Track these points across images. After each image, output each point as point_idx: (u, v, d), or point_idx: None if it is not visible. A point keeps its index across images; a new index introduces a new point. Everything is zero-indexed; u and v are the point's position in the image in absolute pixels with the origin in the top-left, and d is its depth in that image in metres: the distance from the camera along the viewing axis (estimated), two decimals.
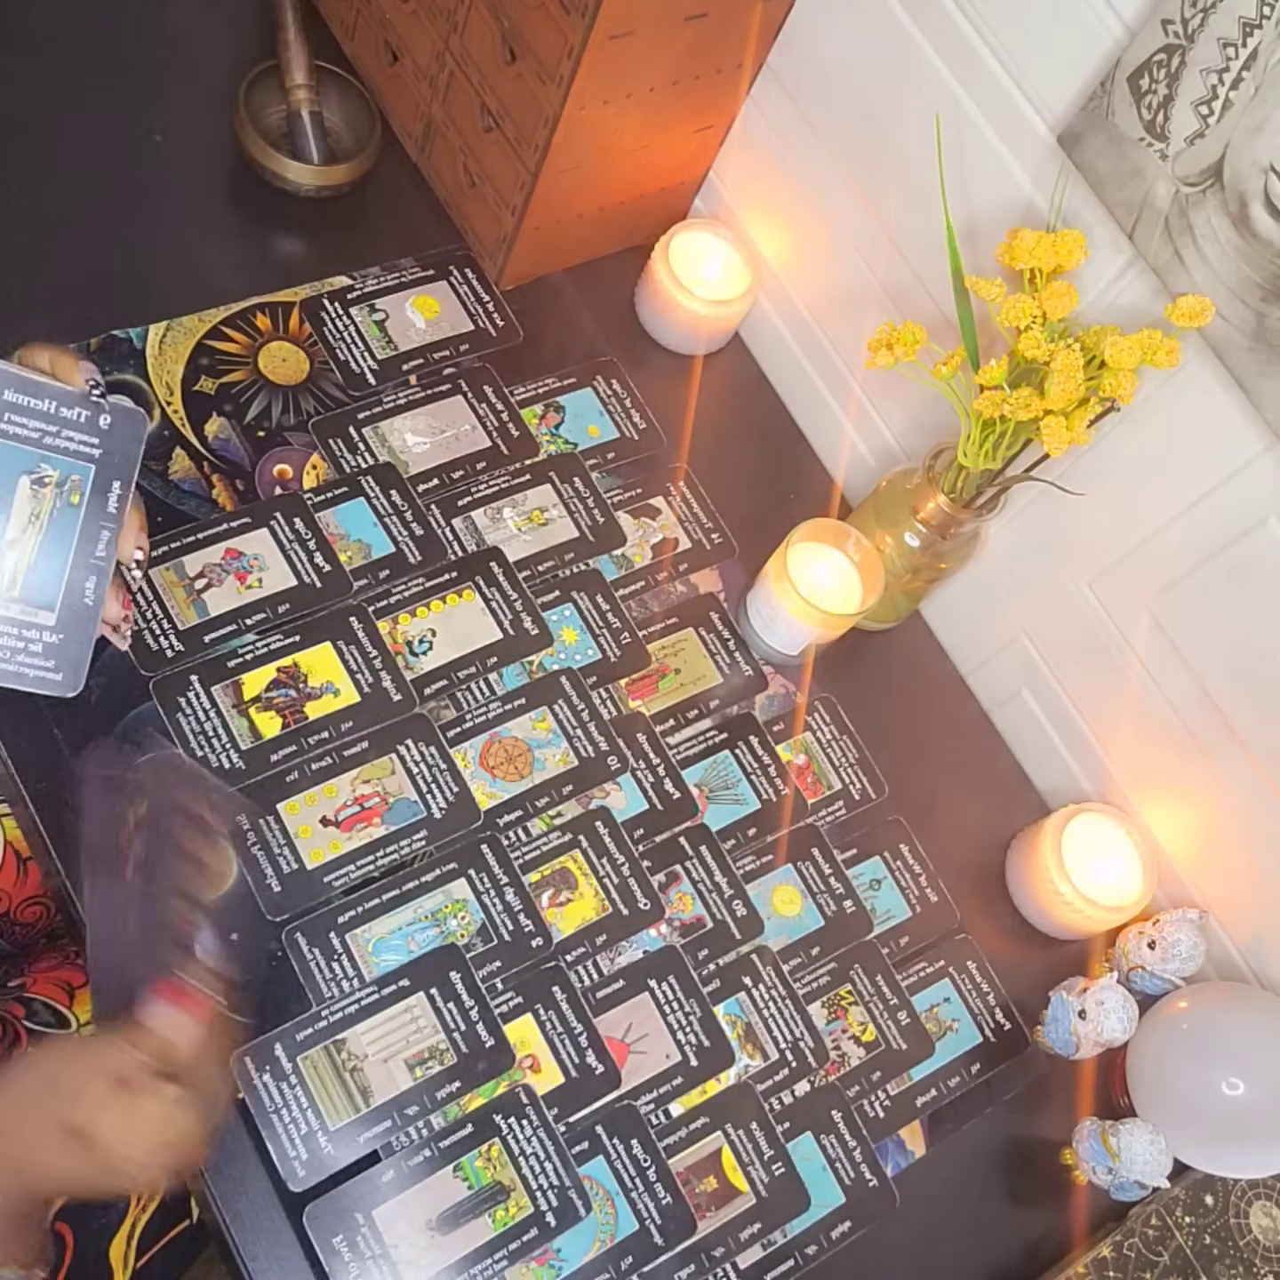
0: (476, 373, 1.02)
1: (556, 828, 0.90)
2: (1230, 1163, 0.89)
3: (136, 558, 0.74)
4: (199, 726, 0.85)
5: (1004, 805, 1.03)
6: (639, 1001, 0.87)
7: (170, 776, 0.72)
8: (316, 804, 0.86)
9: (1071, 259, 0.79)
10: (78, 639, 0.71)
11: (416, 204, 1.07)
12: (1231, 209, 0.74)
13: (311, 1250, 0.76)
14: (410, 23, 1.00)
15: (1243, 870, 0.93)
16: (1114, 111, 0.77)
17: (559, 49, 0.87)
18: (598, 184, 1.01)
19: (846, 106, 0.95)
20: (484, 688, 0.92)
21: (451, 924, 0.85)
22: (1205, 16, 0.71)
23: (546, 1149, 0.82)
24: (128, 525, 0.73)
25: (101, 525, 0.71)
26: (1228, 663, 0.88)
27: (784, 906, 0.92)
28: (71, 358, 0.71)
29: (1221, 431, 0.81)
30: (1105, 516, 0.91)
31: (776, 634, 0.97)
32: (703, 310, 1.04)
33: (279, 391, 0.97)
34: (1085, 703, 0.99)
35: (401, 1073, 0.81)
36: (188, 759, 0.80)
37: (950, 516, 0.92)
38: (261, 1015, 0.80)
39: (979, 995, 0.94)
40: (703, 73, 0.97)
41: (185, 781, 0.73)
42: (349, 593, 0.92)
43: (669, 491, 1.03)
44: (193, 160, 1.03)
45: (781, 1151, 0.86)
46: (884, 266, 0.98)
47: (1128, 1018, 0.90)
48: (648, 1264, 0.81)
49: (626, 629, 0.97)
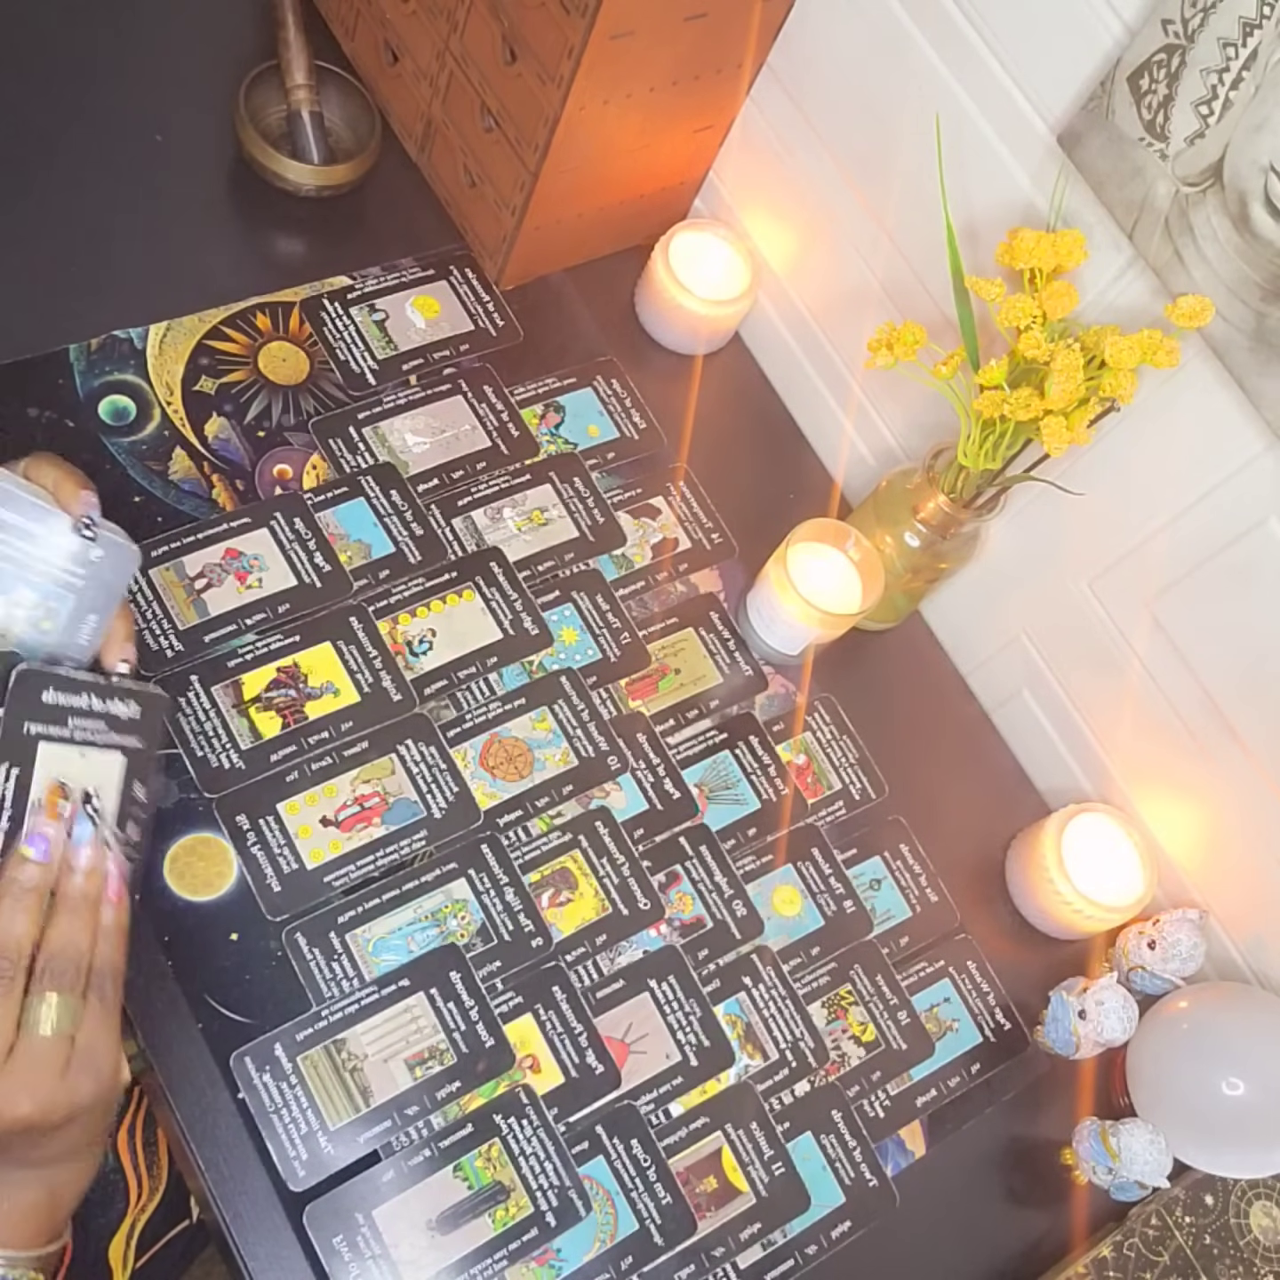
0: (476, 373, 1.02)
1: (556, 828, 0.90)
2: (1230, 1163, 0.89)
3: (121, 670, 0.71)
4: (199, 726, 0.85)
5: (1004, 805, 1.03)
6: (639, 1001, 0.87)
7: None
8: (316, 804, 0.86)
9: (1071, 259, 0.79)
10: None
11: (416, 204, 1.07)
12: (1231, 209, 0.74)
13: (311, 1250, 0.76)
14: (410, 23, 1.00)
15: (1243, 870, 0.93)
16: (1114, 111, 0.77)
17: (559, 49, 0.87)
18: (598, 184, 1.01)
19: (846, 106, 0.95)
20: (484, 688, 0.92)
21: (451, 924, 0.85)
22: (1205, 16, 0.71)
23: (546, 1149, 0.82)
24: (114, 634, 0.70)
25: (69, 657, 0.69)
26: (1228, 663, 0.88)
27: (784, 906, 0.92)
28: (75, 483, 0.68)
29: (1221, 431, 0.81)
30: (1105, 516, 0.91)
31: (776, 634, 0.97)
32: (703, 310, 1.04)
33: (279, 391, 0.97)
34: (1085, 703, 0.99)
35: (401, 1073, 0.81)
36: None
37: (950, 516, 0.92)
38: (261, 1015, 0.80)
39: (979, 995, 0.94)
40: (703, 73, 0.97)
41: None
42: (349, 593, 0.92)
43: (669, 491, 1.03)
44: (193, 160, 1.03)
45: (781, 1151, 0.86)
46: (884, 266, 0.98)
47: (1128, 1018, 0.90)
48: (648, 1264, 0.81)
49: (626, 629, 0.97)
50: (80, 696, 0.67)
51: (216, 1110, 0.78)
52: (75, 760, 0.67)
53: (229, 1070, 0.79)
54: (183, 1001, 0.80)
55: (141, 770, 0.70)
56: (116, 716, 0.69)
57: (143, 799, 0.70)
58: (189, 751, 0.85)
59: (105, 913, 0.67)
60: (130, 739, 0.69)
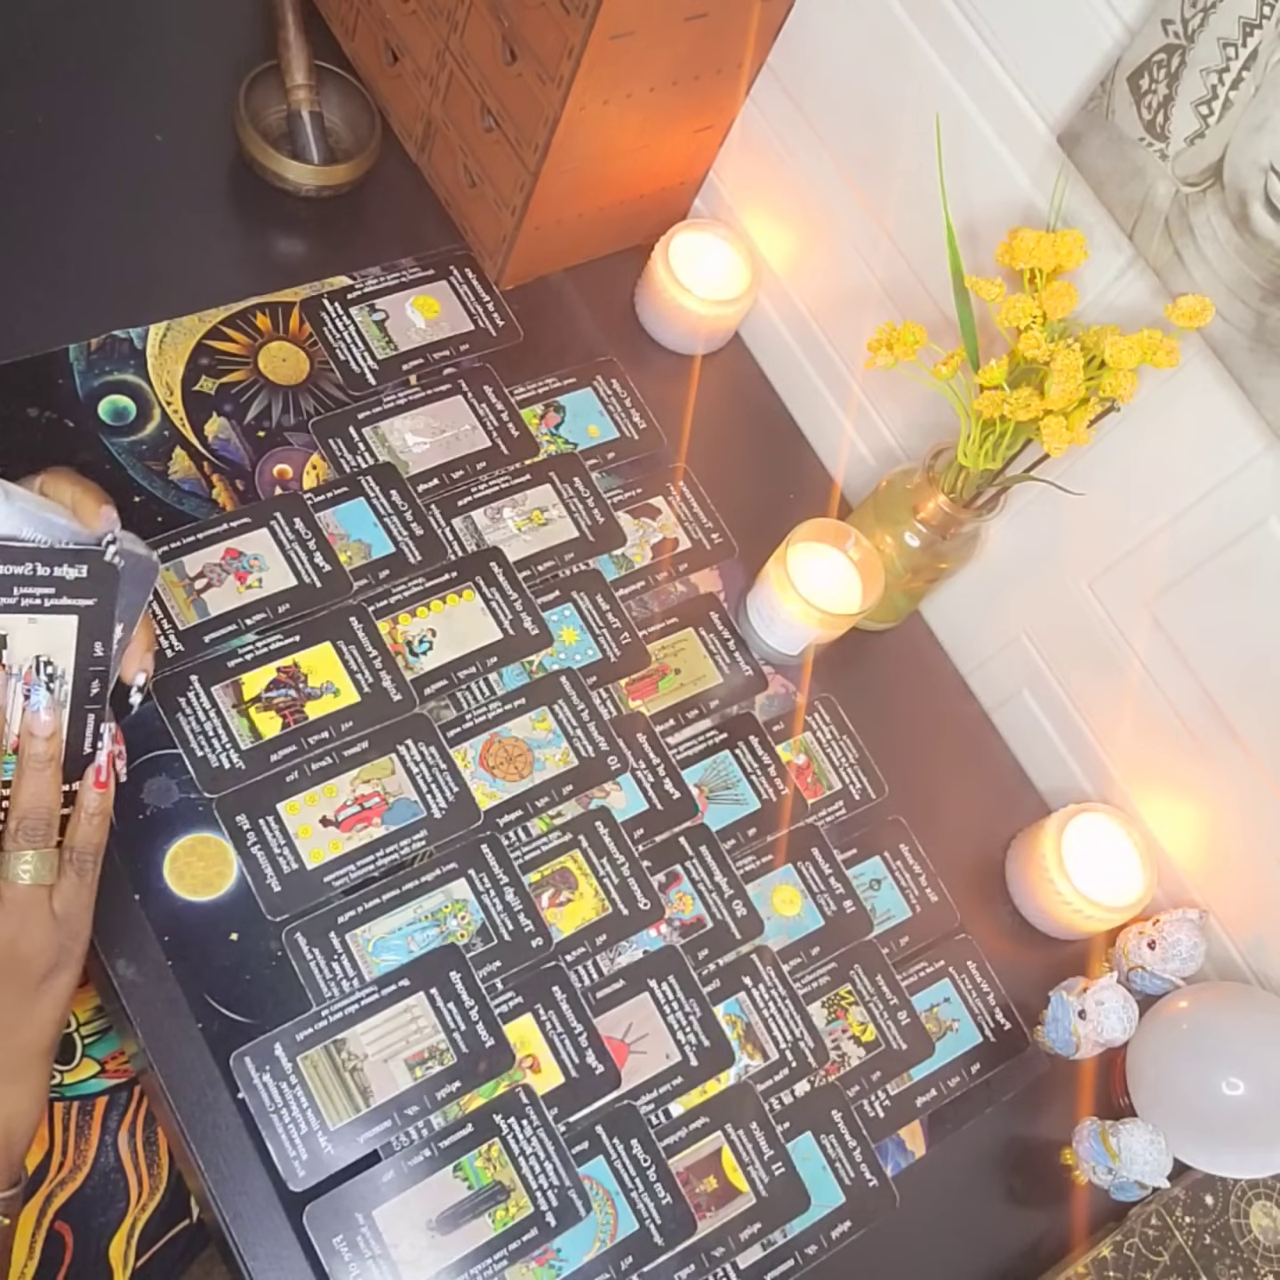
0: (476, 373, 1.02)
1: (556, 828, 0.90)
2: (1230, 1163, 0.89)
3: (139, 682, 0.71)
4: (199, 726, 0.85)
5: (1004, 805, 1.03)
6: (639, 1001, 0.87)
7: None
8: (316, 804, 0.86)
9: (1071, 259, 0.79)
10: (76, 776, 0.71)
11: (416, 204, 1.07)
12: (1231, 209, 0.74)
13: (311, 1250, 0.77)
14: (410, 23, 1.00)
15: (1243, 870, 0.93)
16: (1114, 111, 0.77)
17: (559, 49, 0.87)
18: (598, 184, 1.01)
19: (846, 106, 0.95)
20: (484, 688, 0.92)
21: (451, 924, 0.85)
22: (1205, 16, 0.71)
23: (546, 1149, 0.82)
24: (134, 645, 0.70)
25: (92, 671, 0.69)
26: (1228, 663, 0.88)
27: (784, 906, 0.92)
28: (95, 499, 0.68)
29: (1221, 431, 0.81)
30: (1105, 516, 0.91)
31: (776, 634, 0.97)
32: (703, 310, 1.04)
33: (279, 391, 0.97)
34: (1085, 703, 0.99)
35: (401, 1073, 0.81)
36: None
37: (950, 516, 0.92)
38: (261, 1015, 0.80)
39: (979, 995, 0.94)
40: (703, 73, 0.97)
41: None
42: (349, 593, 0.92)
43: (669, 491, 1.03)
44: (193, 160, 1.03)
45: (781, 1151, 0.86)
46: (884, 266, 0.98)
47: (1128, 1018, 0.90)
48: (648, 1264, 0.81)
49: (626, 629, 0.97)
50: (23, 566, 0.67)
51: (216, 1110, 0.78)
52: (23, 627, 0.67)
53: (229, 1070, 0.79)
54: (183, 1001, 0.80)
55: (99, 628, 0.69)
56: (63, 578, 0.68)
57: (101, 654, 0.70)
58: (189, 751, 0.85)
59: (90, 796, 0.69)
60: (82, 600, 0.69)
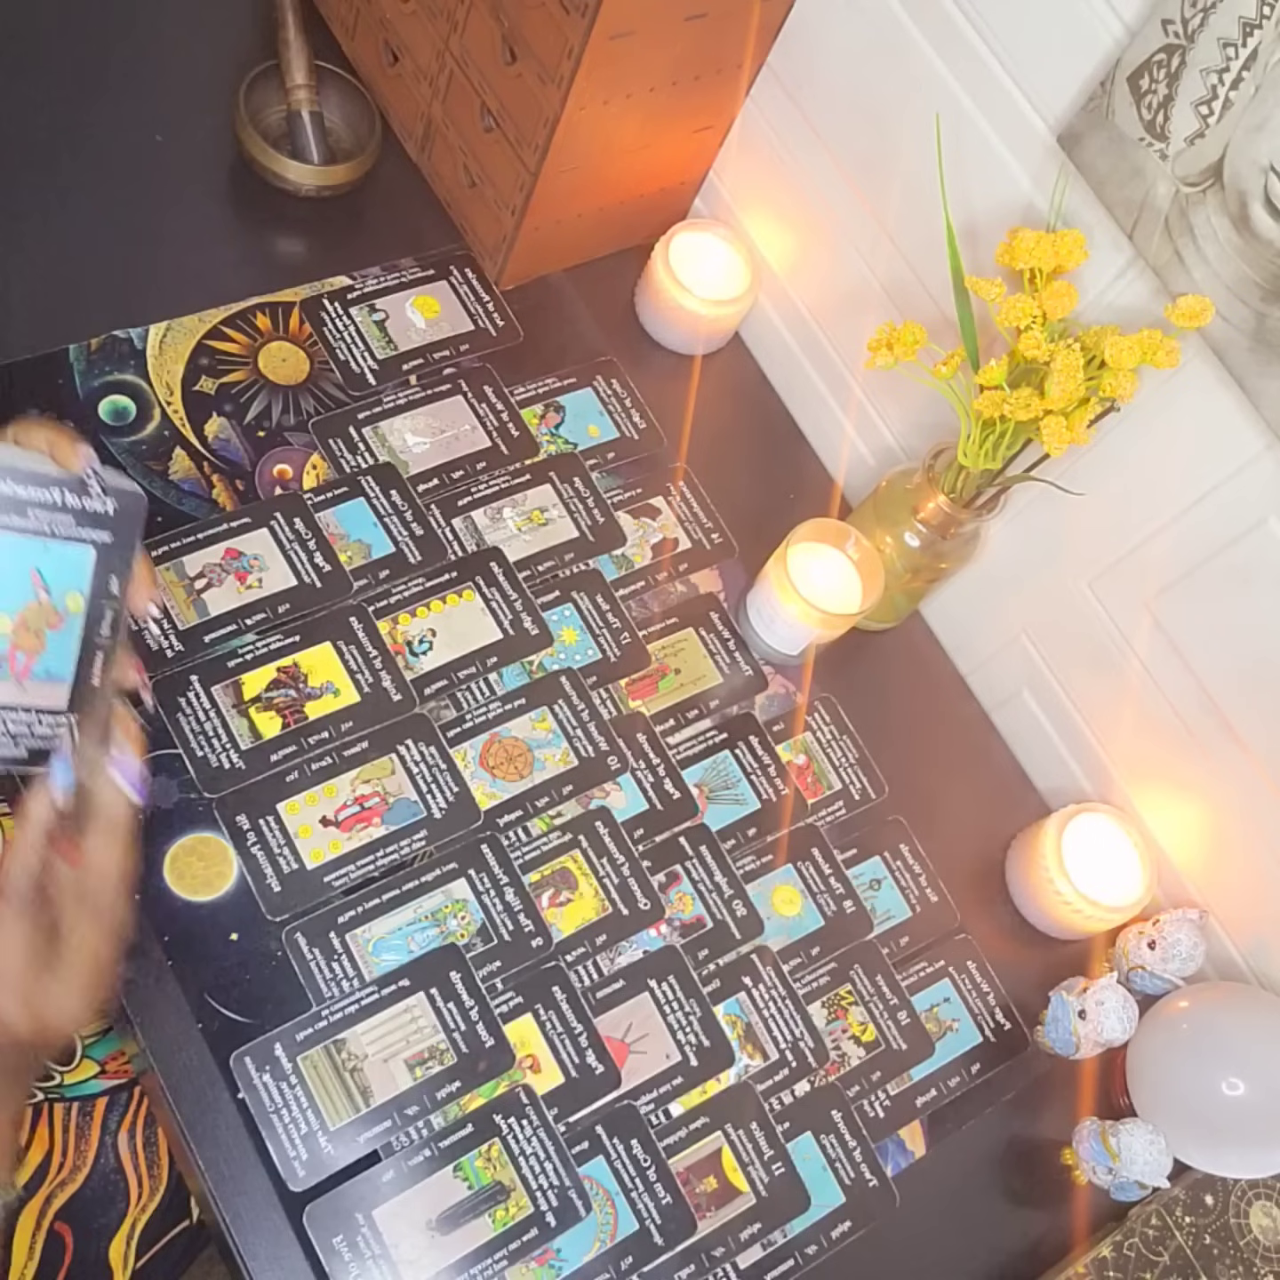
0: (476, 373, 1.02)
1: (556, 828, 0.90)
2: (1230, 1163, 0.89)
3: (152, 613, 0.71)
4: (199, 726, 0.85)
5: (1004, 805, 1.03)
6: (639, 1001, 0.87)
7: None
8: (316, 804, 0.86)
9: (1071, 259, 0.79)
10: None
11: (416, 204, 1.07)
12: (1231, 209, 0.74)
13: (311, 1250, 0.77)
14: (410, 23, 1.00)
15: (1243, 870, 0.93)
16: (1114, 111, 0.77)
17: (559, 49, 0.87)
18: (598, 184, 1.01)
19: (846, 106, 0.95)
20: (484, 688, 0.92)
21: (451, 924, 0.85)
22: (1205, 16, 0.71)
23: (546, 1149, 0.82)
24: (138, 579, 0.70)
25: (104, 605, 0.70)
26: (1228, 663, 0.88)
27: (784, 906, 0.92)
28: (69, 440, 0.68)
29: (1221, 431, 0.81)
30: (1105, 516, 0.91)
31: (776, 634, 0.97)
32: (703, 310, 1.04)
33: (279, 391, 0.97)
34: (1085, 703, 0.99)
35: (401, 1073, 0.81)
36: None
37: (950, 516, 0.92)
38: (261, 1015, 0.80)
39: (979, 995, 0.94)
40: (702, 73, 0.97)
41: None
42: (349, 593, 0.92)
43: (669, 491, 1.03)
44: (193, 160, 1.03)
45: (781, 1151, 0.86)
46: (884, 266, 0.98)
47: (1128, 1018, 0.90)
48: (648, 1264, 0.81)
49: (626, 629, 0.97)
50: (46, 491, 0.67)
51: (216, 1110, 0.78)
52: (38, 552, 0.66)
53: (229, 1070, 0.79)
54: (183, 1001, 0.80)
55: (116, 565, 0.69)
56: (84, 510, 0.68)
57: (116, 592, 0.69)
58: (189, 751, 0.85)
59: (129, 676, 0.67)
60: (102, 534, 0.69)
